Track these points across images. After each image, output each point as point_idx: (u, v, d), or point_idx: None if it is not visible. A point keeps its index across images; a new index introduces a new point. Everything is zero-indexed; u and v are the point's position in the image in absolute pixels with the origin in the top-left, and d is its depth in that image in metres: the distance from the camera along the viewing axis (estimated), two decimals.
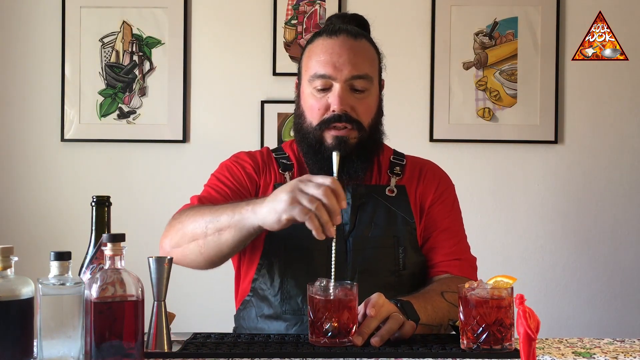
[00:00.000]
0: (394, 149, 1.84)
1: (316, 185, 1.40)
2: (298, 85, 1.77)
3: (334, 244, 1.46)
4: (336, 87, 1.66)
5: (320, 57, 1.67)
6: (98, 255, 1.38)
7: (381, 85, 1.78)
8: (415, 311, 1.48)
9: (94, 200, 1.42)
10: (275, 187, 1.69)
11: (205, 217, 1.56)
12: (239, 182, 1.75)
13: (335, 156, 1.53)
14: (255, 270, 1.70)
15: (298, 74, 1.78)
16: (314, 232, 1.41)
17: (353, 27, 1.74)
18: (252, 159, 1.80)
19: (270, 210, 1.44)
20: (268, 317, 1.68)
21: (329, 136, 1.67)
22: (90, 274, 1.37)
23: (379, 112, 1.75)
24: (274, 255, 1.67)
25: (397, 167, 1.78)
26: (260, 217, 1.47)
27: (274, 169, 1.78)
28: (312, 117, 1.69)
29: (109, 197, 1.43)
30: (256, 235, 1.57)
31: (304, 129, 1.72)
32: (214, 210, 1.57)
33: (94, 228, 1.41)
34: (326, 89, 1.67)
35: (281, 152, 1.81)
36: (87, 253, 1.41)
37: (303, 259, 1.66)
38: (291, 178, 1.73)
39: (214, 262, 1.63)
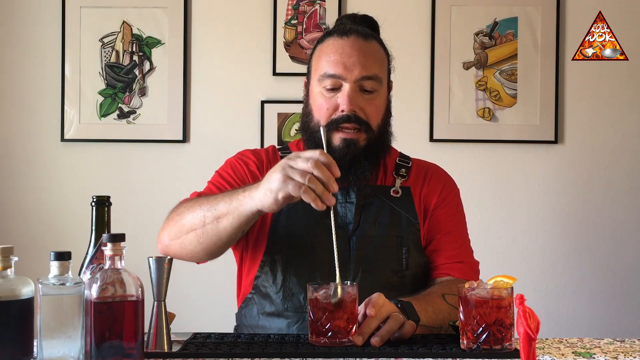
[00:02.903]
0: (400, 152, 1.84)
1: (305, 159, 1.40)
2: (307, 85, 1.77)
3: (331, 213, 1.45)
4: (346, 87, 1.66)
5: (331, 57, 1.68)
6: (98, 255, 1.38)
7: (390, 87, 1.78)
8: (416, 312, 1.48)
9: (94, 200, 1.42)
10: None
11: (202, 206, 1.57)
12: (241, 179, 1.75)
13: (322, 131, 1.53)
14: (258, 268, 1.70)
15: (307, 73, 1.77)
16: (312, 204, 1.40)
17: (364, 28, 1.74)
18: (256, 156, 1.80)
19: (266, 192, 1.44)
20: (270, 314, 1.68)
21: (337, 138, 1.67)
22: (90, 274, 1.37)
23: (387, 114, 1.75)
24: (276, 253, 1.68)
25: (403, 169, 1.78)
26: (257, 200, 1.47)
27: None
28: (320, 116, 1.69)
29: (109, 197, 1.43)
30: (254, 220, 1.57)
31: (311, 128, 1.72)
32: (211, 200, 1.57)
33: (94, 228, 1.41)
34: (335, 89, 1.67)
35: (287, 150, 1.81)
36: (87, 253, 1.41)
37: (306, 256, 1.66)
38: None
39: (212, 252, 1.62)
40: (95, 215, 1.41)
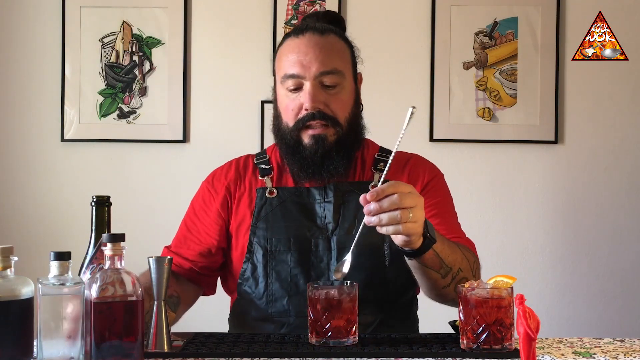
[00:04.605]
0: (380, 146, 1.81)
1: None
2: (274, 88, 1.77)
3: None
4: (306, 85, 1.65)
5: (289, 57, 1.67)
6: (98, 255, 1.37)
7: (357, 79, 1.75)
8: (435, 232, 1.46)
9: (94, 200, 1.42)
10: (257, 193, 1.71)
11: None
12: (211, 209, 1.75)
13: (410, 110, 1.49)
14: (239, 275, 1.69)
15: (273, 76, 1.77)
16: None
17: (321, 23, 1.72)
18: (226, 176, 1.77)
19: None
20: (256, 319, 1.68)
21: (306, 136, 1.67)
22: (90, 274, 1.37)
23: (356, 106, 1.73)
24: (256, 259, 1.66)
25: (382, 164, 1.74)
26: None
27: (250, 178, 1.75)
28: (288, 118, 1.69)
29: (108, 197, 1.43)
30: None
31: (281, 130, 1.71)
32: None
33: (94, 228, 1.41)
34: (298, 89, 1.66)
35: (262, 156, 1.79)
36: (87, 253, 1.41)
37: (285, 261, 1.65)
38: (272, 182, 1.72)
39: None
40: (96, 215, 1.41)
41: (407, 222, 1.37)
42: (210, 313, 2.86)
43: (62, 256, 1.23)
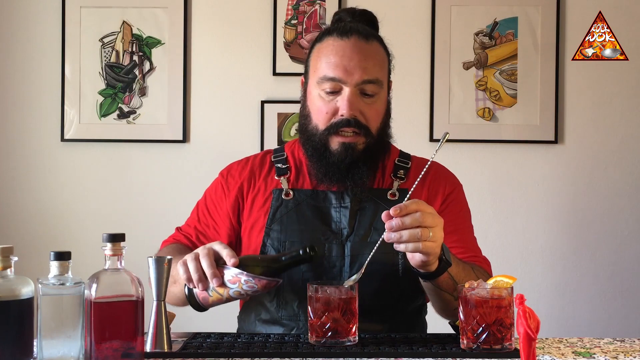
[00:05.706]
0: (400, 150, 1.79)
1: (186, 263, 1.43)
2: (304, 84, 1.71)
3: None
4: (346, 91, 1.61)
5: (331, 59, 1.62)
6: (257, 283, 1.41)
7: (389, 86, 1.73)
8: (450, 256, 1.46)
9: (311, 251, 1.43)
10: (273, 194, 1.68)
11: None
12: (218, 213, 1.74)
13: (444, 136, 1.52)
14: None
15: (305, 72, 1.72)
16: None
17: (364, 26, 1.68)
18: (239, 175, 1.75)
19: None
20: (265, 321, 1.67)
21: (336, 142, 1.63)
22: (233, 279, 1.41)
23: (387, 115, 1.71)
24: None
25: (401, 171, 1.72)
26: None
27: (265, 177, 1.73)
28: (319, 120, 1.64)
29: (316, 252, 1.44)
30: None
31: (309, 131, 1.67)
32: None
33: (284, 262, 1.44)
34: (335, 92, 1.62)
35: (280, 153, 1.76)
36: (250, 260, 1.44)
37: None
38: (288, 183, 1.69)
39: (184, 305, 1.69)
40: (297, 261, 1.44)
41: (427, 240, 1.38)
42: (218, 310, 2.87)
43: (62, 256, 1.23)
